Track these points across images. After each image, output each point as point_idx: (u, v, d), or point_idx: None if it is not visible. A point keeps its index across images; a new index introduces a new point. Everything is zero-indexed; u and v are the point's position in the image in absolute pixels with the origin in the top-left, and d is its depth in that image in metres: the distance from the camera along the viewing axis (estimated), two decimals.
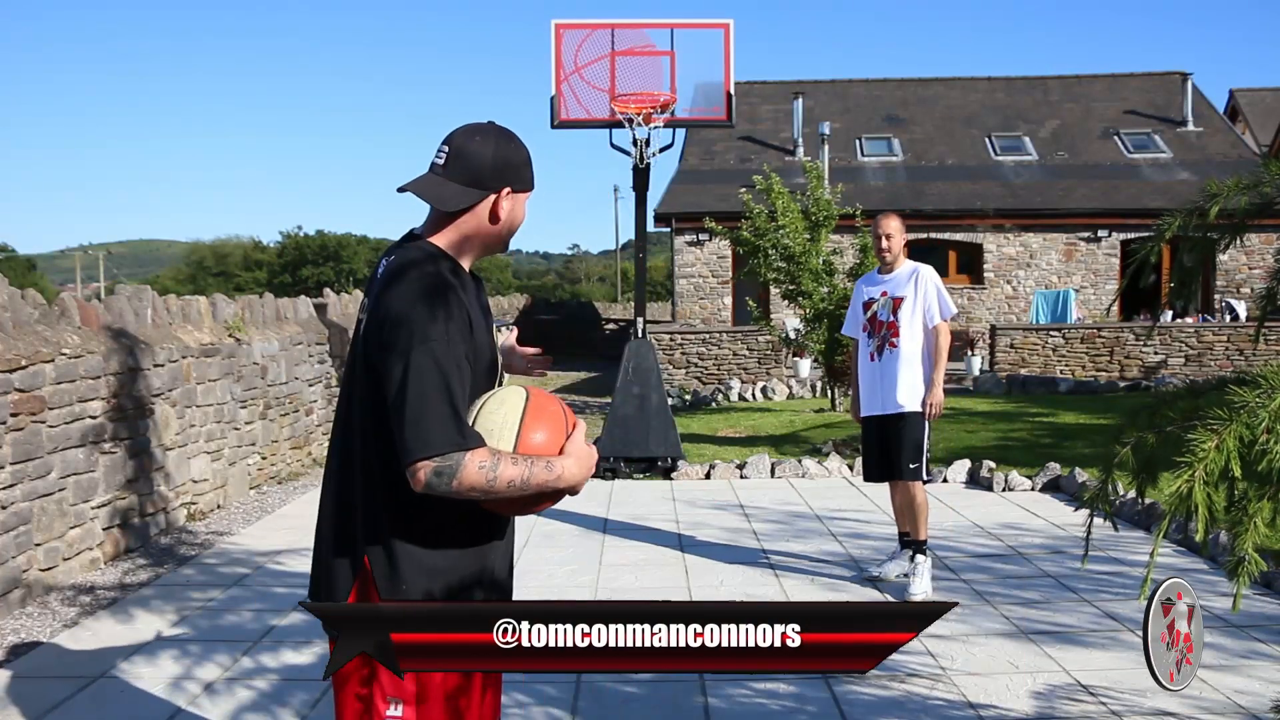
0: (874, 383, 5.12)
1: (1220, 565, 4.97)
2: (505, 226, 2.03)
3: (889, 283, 5.15)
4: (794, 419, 11.45)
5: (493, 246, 2.06)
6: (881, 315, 5.12)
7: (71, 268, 75.91)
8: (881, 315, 5.12)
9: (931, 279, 5.09)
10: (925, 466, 5.06)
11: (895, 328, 5.06)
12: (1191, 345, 16.19)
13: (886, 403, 5.05)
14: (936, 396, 5.03)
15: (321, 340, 9.49)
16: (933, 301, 5.04)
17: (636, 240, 9.18)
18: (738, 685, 3.77)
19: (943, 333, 5.05)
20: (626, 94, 8.53)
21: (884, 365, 5.07)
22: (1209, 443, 1.82)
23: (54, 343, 5.24)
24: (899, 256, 5.15)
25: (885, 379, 5.05)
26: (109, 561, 5.62)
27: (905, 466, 5.01)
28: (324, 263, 61.47)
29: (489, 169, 1.98)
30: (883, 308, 5.12)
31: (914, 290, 5.05)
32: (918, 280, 5.07)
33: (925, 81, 25.55)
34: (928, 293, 5.05)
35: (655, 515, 6.84)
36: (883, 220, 5.15)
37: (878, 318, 5.14)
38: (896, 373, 5.02)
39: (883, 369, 5.07)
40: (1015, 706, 3.58)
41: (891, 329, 5.07)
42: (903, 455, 5.01)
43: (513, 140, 2.03)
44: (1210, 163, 21.44)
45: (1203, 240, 2.33)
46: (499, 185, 1.99)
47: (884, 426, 5.10)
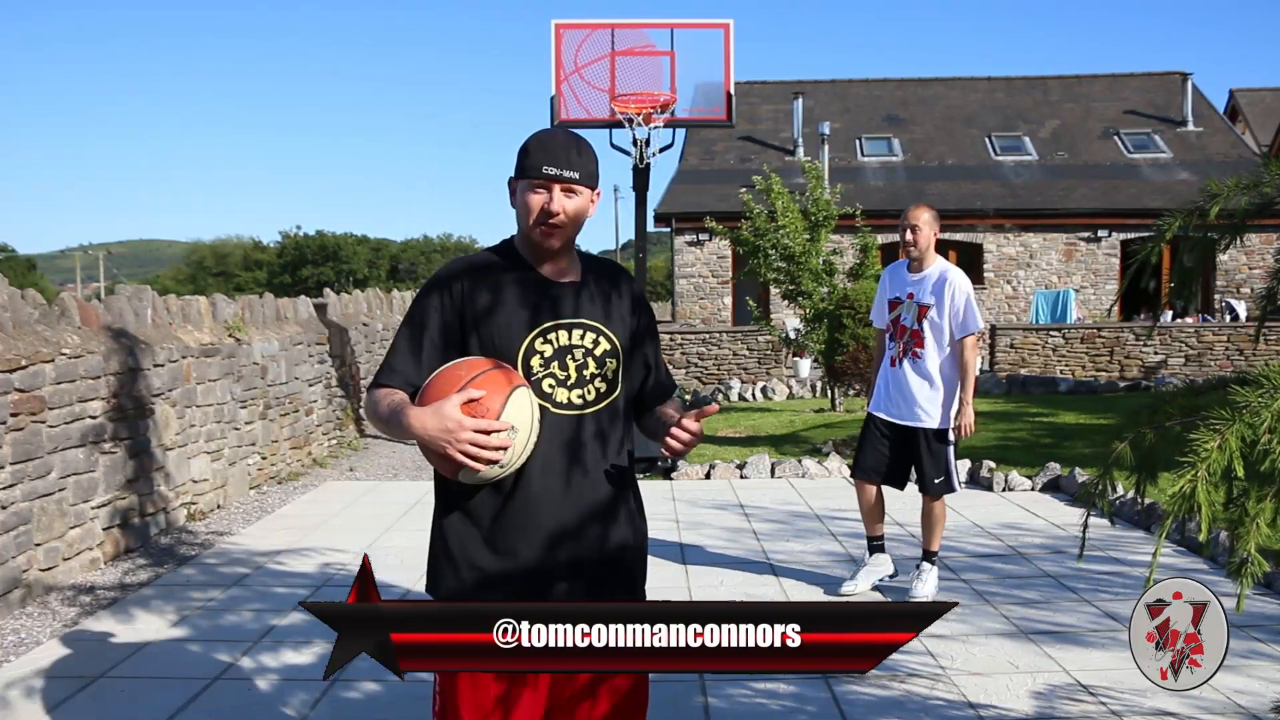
0: (892, 388, 4.88)
1: (1221, 565, 4.97)
2: (518, 212, 2.13)
3: (917, 285, 4.84)
4: (794, 419, 11.45)
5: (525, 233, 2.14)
6: (906, 320, 4.85)
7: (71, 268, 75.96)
8: (906, 320, 4.85)
9: (962, 288, 4.77)
10: (953, 480, 4.85)
11: (920, 338, 4.79)
12: (1191, 345, 16.19)
13: (905, 414, 4.83)
14: (967, 417, 4.79)
15: (321, 340, 9.48)
16: (960, 313, 4.74)
17: (636, 240, 9.18)
18: (738, 685, 3.77)
19: (969, 347, 4.76)
20: (626, 94, 8.53)
21: (905, 374, 4.82)
22: (1211, 442, 1.81)
23: (54, 343, 5.24)
24: (927, 251, 4.82)
25: (905, 389, 4.82)
26: (109, 561, 5.62)
27: (931, 482, 4.80)
28: (324, 263, 61.49)
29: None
30: (907, 312, 4.85)
31: (941, 300, 4.75)
32: (946, 288, 4.76)
33: (925, 81, 25.55)
34: (955, 303, 4.74)
35: (655, 515, 6.82)
36: (912, 210, 4.82)
37: (901, 321, 4.86)
38: (919, 385, 4.79)
39: (904, 377, 4.83)
40: (1015, 706, 3.58)
41: (915, 338, 4.80)
42: (927, 473, 4.81)
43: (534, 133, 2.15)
44: (1210, 163, 21.44)
45: (1203, 240, 2.33)
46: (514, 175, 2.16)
47: (900, 435, 4.87)
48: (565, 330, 2.10)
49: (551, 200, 2.06)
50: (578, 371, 2.10)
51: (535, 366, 2.08)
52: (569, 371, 2.09)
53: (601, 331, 2.13)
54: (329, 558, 5.72)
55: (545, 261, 2.14)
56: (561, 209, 2.06)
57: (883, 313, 5.02)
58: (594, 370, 2.11)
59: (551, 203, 2.06)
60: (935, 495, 4.85)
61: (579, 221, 2.12)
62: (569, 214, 2.08)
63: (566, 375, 2.09)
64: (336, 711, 3.60)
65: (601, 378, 2.12)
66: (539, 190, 2.07)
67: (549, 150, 2.07)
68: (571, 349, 2.10)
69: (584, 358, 2.11)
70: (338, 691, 3.74)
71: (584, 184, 2.10)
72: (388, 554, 5.70)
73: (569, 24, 8.80)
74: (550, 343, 2.09)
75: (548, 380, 2.08)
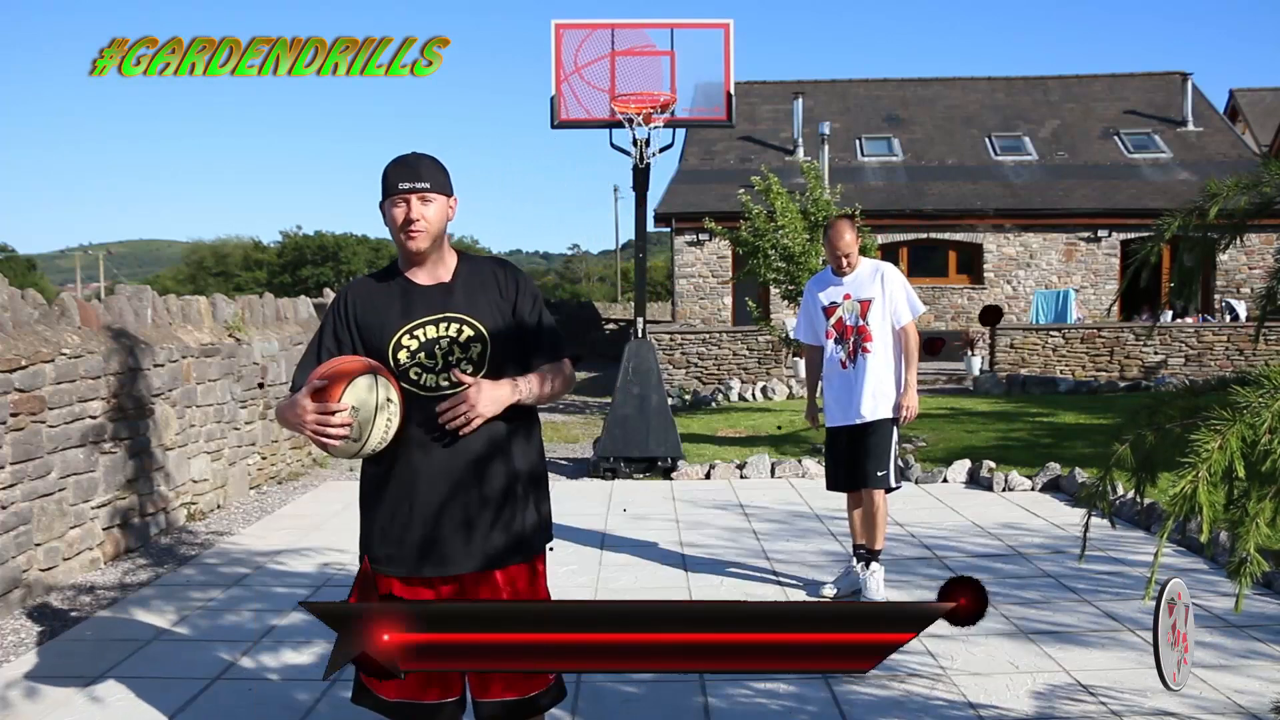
0: (848, 391, 4.84)
1: (1220, 565, 4.97)
2: (389, 228, 2.49)
3: (851, 284, 4.87)
4: (794, 419, 11.44)
5: (398, 244, 2.49)
6: (849, 319, 4.85)
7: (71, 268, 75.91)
8: (849, 319, 4.85)
9: (896, 277, 4.85)
10: (894, 474, 4.82)
11: (866, 332, 4.79)
12: (1191, 345, 16.18)
13: (862, 412, 4.80)
14: (911, 399, 4.81)
15: None
16: (900, 301, 4.80)
17: (636, 240, 9.18)
18: (738, 685, 3.77)
19: (911, 333, 4.82)
20: (626, 94, 8.52)
21: (858, 372, 4.81)
22: (1212, 443, 1.81)
23: (54, 343, 5.24)
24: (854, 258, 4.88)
25: (860, 387, 4.79)
26: (109, 561, 5.62)
27: (872, 474, 4.77)
28: (324, 263, 61.43)
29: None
30: (849, 311, 4.85)
31: (881, 290, 4.80)
32: (883, 280, 4.81)
33: (925, 81, 25.54)
34: (894, 293, 4.80)
35: (655, 515, 6.84)
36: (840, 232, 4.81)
37: (844, 322, 4.86)
38: (874, 379, 4.78)
39: (857, 376, 4.81)
40: (1015, 706, 3.58)
41: (863, 333, 4.80)
42: (869, 462, 4.78)
43: (389, 161, 2.48)
44: (1210, 163, 21.43)
45: (1203, 240, 2.33)
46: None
47: (854, 434, 4.84)
48: (432, 325, 2.45)
49: (410, 209, 2.42)
50: (444, 358, 2.44)
51: (403, 359, 2.44)
52: (436, 359, 2.44)
53: (465, 321, 2.46)
54: (329, 558, 5.72)
55: (417, 268, 2.51)
56: (420, 215, 2.42)
57: (816, 324, 5.00)
58: (459, 355, 2.45)
59: (410, 211, 2.42)
60: (876, 487, 4.81)
61: (439, 223, 2.47)
62: (428, 219, 2.43)
63: (433, 362, 2.44)
64: (336, 711, 3.60)
65: (468, 360, 2.45)
66: (399, 204, 2.43)
67: (400, 169, 2.44)
68: (438, 340, 2.44)
69: (449, 346, 2.45)
70: (338, 691, 3.74)
71: (436, 191, 2.45)
72: None
73: (569, 24, 8.80)
74: (416, 337, 2.44)
75: (414, 369, 2.44)
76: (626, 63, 8.67)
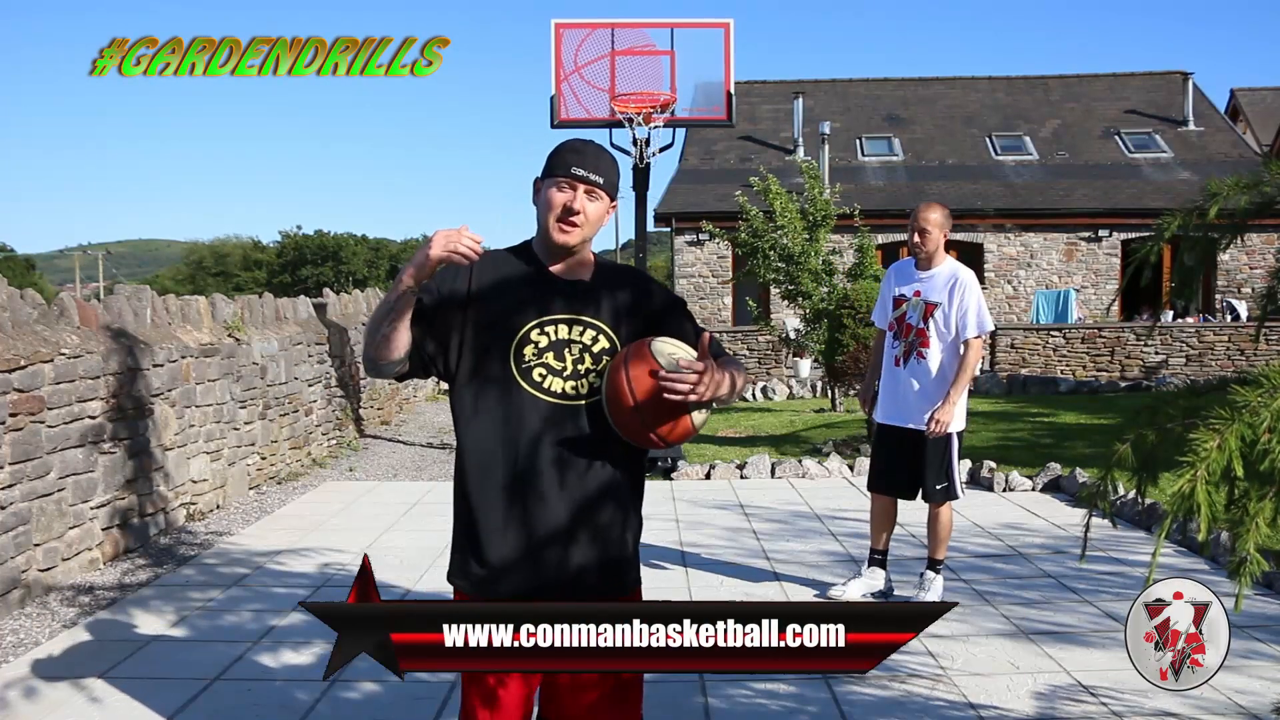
0: (897, 391, 4.71)
1: (1221, 565, 4.97)
2: (539, 208, 2.24)
3: (925, 283, 4.67)
4: (794, 419, 11.44)
5: (544, 229, 2.23)
6: (911, 319, 4.67)
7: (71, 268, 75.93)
8: (911, 319, 4.67)
9: (972, 288, 4.61)
10: (955, 486, 4.68)
11: (925, 337, 4.61)
12: (1192, 345, 16.18)
13: (909, 416, 4.65)
14: (945, 414, 4.52)
15: (321, 340, 9.48)
16: (970, 314, 4.57)
17: (636, 240, 9.18)
18: (738, 685, 3.76)
19: (974, 349, 4.58)
20: (626, 93, 8.53)
21: (908, 376, 4.65)
22: (1211, 442, 1.81)
23: (53, 343, 5.24)
24: (936, 253, 4.66)
25: (909, 391, 4.65)
26: (108, 562, 5.61)
27: (931, 488, 4.65)
28: (323, 263, 61.44)
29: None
30: (914, 310, 4.67)
31: (950, 298, 4.59)
32: (956, 287, 4.60)
33: (925, 81, 25.54)
34: (965, 303, 4.57)
35: (655, 515, 6.84)
36: (922, 211, 4.63)
37: (907, 319, 4.68)
38: (922, 387, 4.62)
39: (907, 379, 4.66)
40: (1016, 707, 3.58)
41: (921, 337, 4.62)
42: (928, 476, 4.64)
43: (566, 139, 2.28)
44: (1211, 162, 21.43)
45: (1203, 240, 2.32)
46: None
47: (905, 440, 4.69)
48: (565, 325, 2.19)
49: (575, 198, 2.18)
50: (573, 365, 2.18)
51: (528, 355, 2.17)
52: (564, 363, 2.18)
53: (602, 330, 2.21)
54: (329, 558, 5.72)
55: (558, 261, 2.24)
56: (582, 207, 2.18)
57: (886, 311, 4.84)
58: (589, 365, 2.18)
59: (574, 200, 2.18)
60: (938, 502, 4.73)
61: (596, 224, 2.23)
62: (588, 214, 2.20)
63: (561, 366, 2.18)
64: (336, 711, 3.60)
65: (596, 373, 2.19)
66: (564, 188, 2.19)
67: (580, 154, 2.21)
68: (569, 343, 2.18)
69: (581, 353, 2.19)
70: (338, 691, 3.74)
71: (605, 191, 2.22)
72: (387, 554, 5.70)
73: (569, 23, 8.80)
74: (546, 335, 2.18)
75: (539, 369, 2.17)
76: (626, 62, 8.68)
